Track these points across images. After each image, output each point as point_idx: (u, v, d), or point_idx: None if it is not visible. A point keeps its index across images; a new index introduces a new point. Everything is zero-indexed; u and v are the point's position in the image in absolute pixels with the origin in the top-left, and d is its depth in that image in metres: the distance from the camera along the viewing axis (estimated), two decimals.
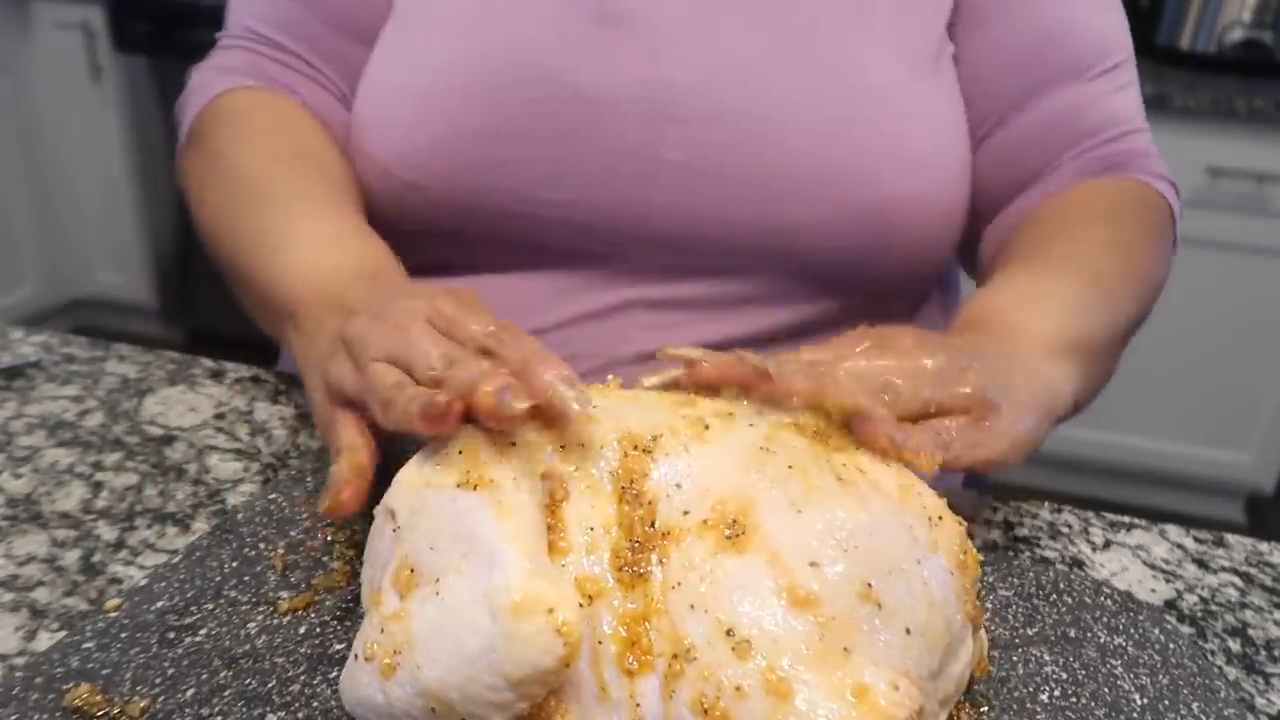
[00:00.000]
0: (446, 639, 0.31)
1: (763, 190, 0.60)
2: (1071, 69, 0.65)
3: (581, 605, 0.31)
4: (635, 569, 0.33)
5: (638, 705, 0.31)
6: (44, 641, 0.40)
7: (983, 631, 0.38)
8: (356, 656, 0.34)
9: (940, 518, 0.36)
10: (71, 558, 0.45)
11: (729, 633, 0.30)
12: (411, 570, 0.33)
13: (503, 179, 0.60)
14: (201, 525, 0.48)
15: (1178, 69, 2.04)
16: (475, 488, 0.33)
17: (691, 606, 0.31)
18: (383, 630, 0.33)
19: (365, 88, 0.63)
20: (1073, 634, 0.43)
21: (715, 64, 0.60)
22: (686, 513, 0.34)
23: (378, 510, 0.37)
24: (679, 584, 0.32)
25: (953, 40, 0.65)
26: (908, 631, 0.32)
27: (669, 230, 0.61)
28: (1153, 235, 0.62)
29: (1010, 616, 0.43)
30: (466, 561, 0.32)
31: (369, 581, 0.37)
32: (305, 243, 0.52)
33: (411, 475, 0.36)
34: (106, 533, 0.47)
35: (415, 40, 0.62)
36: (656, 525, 0.33)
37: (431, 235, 0.63)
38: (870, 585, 0.32)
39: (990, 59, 0.65)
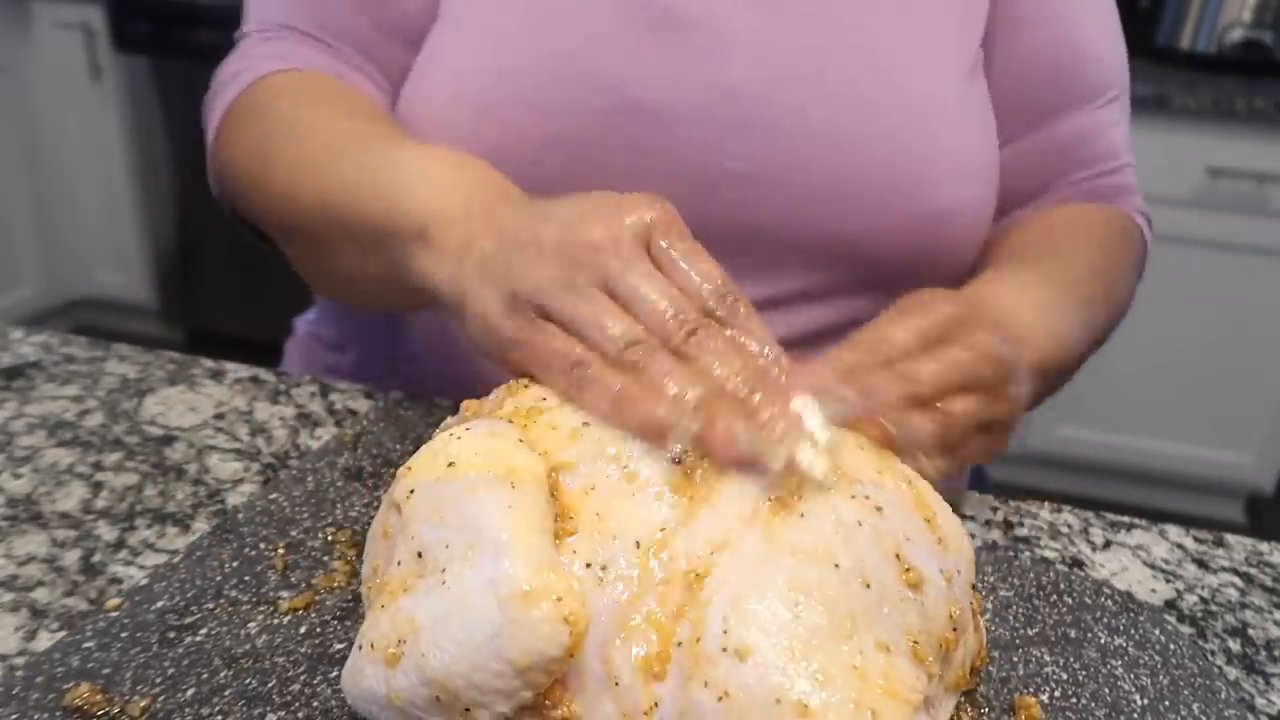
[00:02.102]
0: (453, 627, 0.31)
1: (824, 201, 0.60)
2: (1089, 93, 0.66)
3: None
4: (646, 562, 0.33)
5: (648, 695, 0.31)
6: (44, 641, 0.40)
7: (981, 621, 0.39)
8: (360, 648, 0.34)
9: (942, 511, 0.37)
10: (71, 558, 0.45)
11: (742, 623, 0.30)
12: (417, 559, 0.34)
13: (562, 190, 0.59)
14: (201, 525, 0.48)
15: (1178, 69, 2.04)
16: (482, 478, 0.34)
17: (703, 598, 0.31)
18: (387, 620, 0.33)
19: (412, 93, 0.61)
20: (1073, 634, 0.43)
21: (781, 73, 0.59)
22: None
23: (383, 501, 0.37)
24: (694, 574, 0.32)
25: (983, 48, 0.66)
26: (916, 618, 0.32)
27: (723, 237, 0.60)
28: (1130, 265, 0.65)
29: (1010, 617, 0.44)
30: (473, 551, 0.32)
31: (372, 573, 0.37)
32: (423, 163, 0.48)
33: (417, 467, 0.36)
34: (106, 533, 0.47)
35: (469, 47, 0.60)
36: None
37: None
38: (877, 574, 0.32)
39: (1021, 72, 0.66)
